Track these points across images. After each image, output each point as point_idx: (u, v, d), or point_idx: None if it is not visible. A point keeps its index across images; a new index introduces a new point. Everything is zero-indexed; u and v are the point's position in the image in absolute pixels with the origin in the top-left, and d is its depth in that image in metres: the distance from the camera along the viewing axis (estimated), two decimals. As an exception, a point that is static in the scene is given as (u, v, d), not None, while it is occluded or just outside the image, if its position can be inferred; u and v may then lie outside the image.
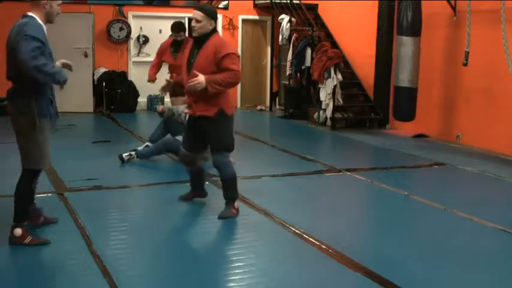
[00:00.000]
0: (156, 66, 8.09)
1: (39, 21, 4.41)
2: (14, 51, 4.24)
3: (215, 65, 4.90)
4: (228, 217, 5.19)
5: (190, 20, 5.63)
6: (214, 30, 5.04)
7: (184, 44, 7.59)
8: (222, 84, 4.88)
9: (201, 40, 4.99)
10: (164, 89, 5.52)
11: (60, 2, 4.56)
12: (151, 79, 8.00)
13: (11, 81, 4.46)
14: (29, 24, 4.31)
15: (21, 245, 4.45)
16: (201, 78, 4.83)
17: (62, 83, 4.41)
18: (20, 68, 4.23)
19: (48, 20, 4.51)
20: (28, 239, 4.49)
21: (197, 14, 4.94)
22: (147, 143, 7.58)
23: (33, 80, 4.27)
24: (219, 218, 5.17)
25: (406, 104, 9.59)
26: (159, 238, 4.83)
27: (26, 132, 4.41)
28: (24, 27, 4.27)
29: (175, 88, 5.67)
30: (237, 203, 5.31)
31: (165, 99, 10.08)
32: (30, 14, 4.43)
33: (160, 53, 8.07)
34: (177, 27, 7.78)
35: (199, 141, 5.22)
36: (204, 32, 4.95)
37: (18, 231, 4.49)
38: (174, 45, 7.82)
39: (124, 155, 7.42)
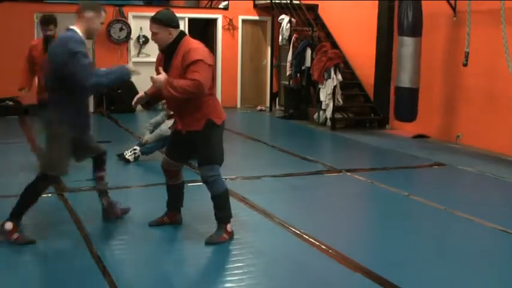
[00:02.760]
0: (27, 71, 6.88)
1: (81, 35, 4.53)
2: (61, 66, 4.37)
3: (185, 76, 4.40)
4: (217, 243, 4.61)
5: (190, 20, 5.56)
6: (181, 35, 4.52)
7: (53, 42, 6.88)
8: (178, 91, 4.32)
9: (169, 51, 4.50)
10: (138, 102, 4.81)
11: (102, 20, 4.69)
12: (22, 87, 6.87)
13: (47, 90, 4.70)
14: (72, 40, 4.44)
15: (6, 241, 4.48)
16: (160, 77, 4.39)
17: (127, 79, 4.80)
18: (77, 86, 4.41)
19: (89, 35, 4.64)
20: (15, 236, 4.51)
21: (151, 27, 4.49)
22: (136, 146, 7.55)
23: (70, 92, 4.46)
24: (206, 243, 4.61)
25: (407, 104, 9.57)
26: (158, 238, 4.83)
27: (49, 138, 4.57)
28: (69, 44, 4.40)
29: (150, 101, 4.93)
30: (230, 226, 4.72)
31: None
32: (72, 27, 4.57)
33: (30, 52, 6.86)
34: (46, 20, 6.71)
35: (185, 151, 4.78)
36: (166, 42, 4.47)
37: (9, 225, 4.52)
38: (46, 42, 6.69)
39: (127, 155, 7.39)
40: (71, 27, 4.56)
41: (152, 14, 4.64)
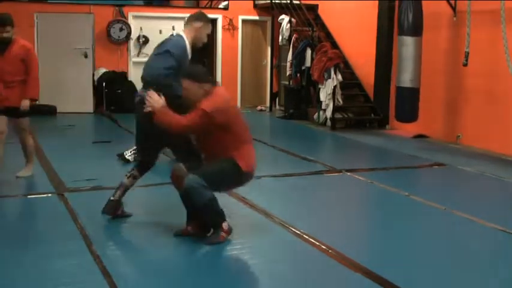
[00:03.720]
0: None
1: (186, 42, 4.88)
2: (153, 60, 4.87)
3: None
4: (216, 243, 4.59)
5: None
6: (212, 87, 4.54)
7: (11, 44, 6.13)
8: (166, 120, 4.46)
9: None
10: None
11: (208, 31, 5.02)
12: None
13: (144, 84, 4.92)
14: (174, 43, 4.86)
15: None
16: (159, 101, 4.47)
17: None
18: (151, 76, 4.79)
19: (194, 43, 4.95)
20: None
21: (184, 83, 4.50)
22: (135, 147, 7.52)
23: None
24: (206, 244, 4.60)
25: (408, 104, 9.57)
26: (158, 238, 4.83)
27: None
28: (168, 45, 4.85)
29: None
30: (226, 224, 4.62)
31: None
32: (181, 34, 4.97)
33: None
34: (1, 20, 6.08)
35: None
36: (198, 97, 4.47)
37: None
38: (2, 44, 6.11)
39: (127, 155, 7.38)
40: (180, 33, 4.98)
41: (152, 14, 4.73)
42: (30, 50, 6.30)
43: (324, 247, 4.61)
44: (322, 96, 11.05)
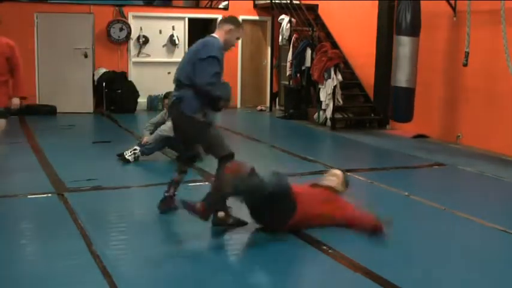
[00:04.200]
0: None
1: (221, 43, 4.92)
2: (195, 65, 4.79)
3: None
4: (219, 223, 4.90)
5: (190, 20, 5.61)
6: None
7: None
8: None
9: None
10: None
11: (239, 36, 5.04)
12: None
13: (178, 85, 4.93)
14: (213, 45, 4.86)
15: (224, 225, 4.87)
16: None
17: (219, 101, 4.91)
18: (195, 81, 4.77)
19: (225, 46, 4.96)
20: (230, 220, 4.89)
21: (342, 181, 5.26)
22: (136, 146, 7.53)
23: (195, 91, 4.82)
24: (212, 222, 4.87)
25: (404, 104, 9.56)
26: (159, 238, 4.83)
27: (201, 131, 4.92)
28: (208, 47, 4.82)
29: None
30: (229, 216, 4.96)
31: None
32: (215, 35, 5.00)
33: None
34: None
35: None
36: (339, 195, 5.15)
37: (221, 214, 4.87)
38: None
39: (127, 155, 7.37)
40: (214, 35, 5.01)
41: (152, 14, 4.77)
42: (14, 48, 6.04)
43: (324, 247, 4.61)
44: (322, 96, 11.05)
